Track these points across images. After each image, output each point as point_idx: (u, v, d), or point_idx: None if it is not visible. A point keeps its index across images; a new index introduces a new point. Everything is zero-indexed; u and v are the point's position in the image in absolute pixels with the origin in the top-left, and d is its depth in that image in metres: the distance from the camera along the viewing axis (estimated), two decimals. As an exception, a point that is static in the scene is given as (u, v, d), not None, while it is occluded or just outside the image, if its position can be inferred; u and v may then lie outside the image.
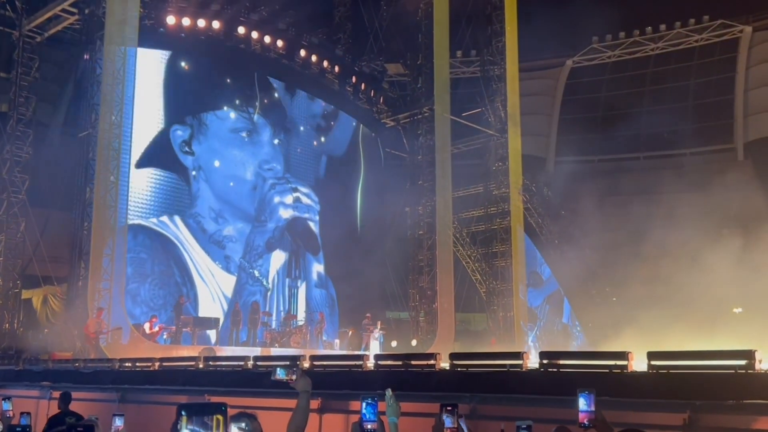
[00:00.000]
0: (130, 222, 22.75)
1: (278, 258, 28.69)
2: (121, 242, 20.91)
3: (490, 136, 30.26)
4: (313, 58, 29.56)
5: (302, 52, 29.13)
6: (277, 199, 28.91)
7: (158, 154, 25.43)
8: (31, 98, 23.39)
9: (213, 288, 26.27)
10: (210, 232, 26.65)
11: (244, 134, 28.05)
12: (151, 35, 24.09)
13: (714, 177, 27.37)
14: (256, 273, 27.68)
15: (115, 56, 20.95)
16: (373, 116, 32.48)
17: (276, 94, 29.13)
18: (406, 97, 31.18)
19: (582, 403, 4.16)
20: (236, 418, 4.06)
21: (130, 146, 22.08)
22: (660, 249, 26.61)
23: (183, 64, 26.79)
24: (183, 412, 1.71)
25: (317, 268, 30.09)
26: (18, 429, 3.91)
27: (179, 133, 26.43)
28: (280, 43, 28.40)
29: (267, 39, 27.96)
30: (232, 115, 27.85)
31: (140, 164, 24.46)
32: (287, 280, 28.88)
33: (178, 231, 25.87)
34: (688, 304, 22.62)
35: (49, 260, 22.82)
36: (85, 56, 22.35)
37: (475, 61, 34.23)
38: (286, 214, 29.10)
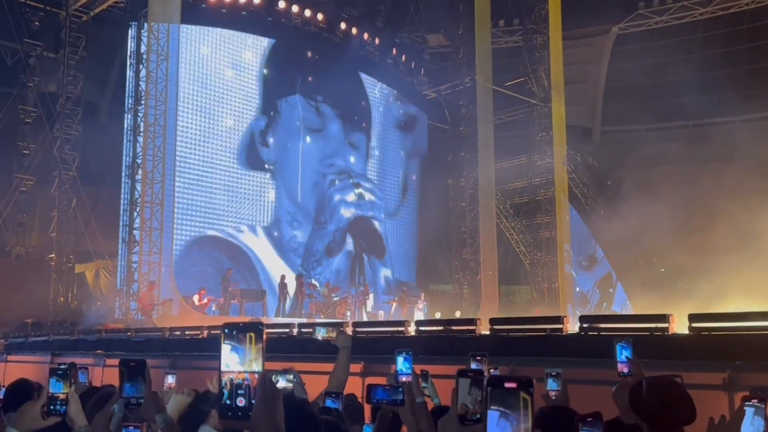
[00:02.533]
0: (198, 234, 21.74)
1: (339, 263, 26.84)
2: (169, 216, 21.41)
3: (533, 106, 29.96)
4: (354, 30, 29.48)
5: (342, 25, 29.06)
6: (337, 197, 26.82)
7: (240, 152, 23.04)
8: (79, 77, 23.87)
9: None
10: (286, 238, 24.42)
11: (313, 124, 26.15)
12: (193, 12, 24.19)
13: (764, 144, 26.65)
14: (315, 282, 25.38)
15: (159, 33, 21.33)
16: (414, 88, 32.36)
17: (323, 74, 27.36)
18: (448, 68, 30.95)
19: (620, 354, 4.22)
20: (284, 373, 4.43)
21: (176, 122, 22.42)
22: (708, 218, 26.10)
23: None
24: (225, 330, 1.86)
25: (384, 273, 28.28)
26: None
27: (259, 123, 24.18)
28: (320, 16, 28.33)
29: (307, 12, 27.93)
30: (299, 101, 25.80)
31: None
32: (352, 288, 26.80)
33: (257, 240, 23.54)
34: (738, 274, 22.20)
35: (100, 235, 23.42)
36: (130, 34, 22.76)
37: (517, 30, 33.75)
38: (348, 213, 27.09)
